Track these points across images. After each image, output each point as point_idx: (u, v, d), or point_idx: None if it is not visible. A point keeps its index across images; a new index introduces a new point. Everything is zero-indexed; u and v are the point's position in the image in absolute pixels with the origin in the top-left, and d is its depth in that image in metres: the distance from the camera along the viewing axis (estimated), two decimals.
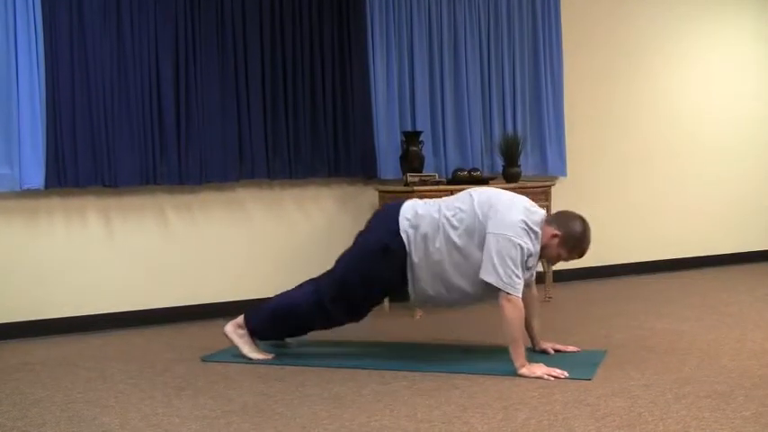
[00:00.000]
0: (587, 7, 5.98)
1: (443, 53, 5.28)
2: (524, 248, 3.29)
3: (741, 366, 3.31)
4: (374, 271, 3.50)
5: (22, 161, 4.20)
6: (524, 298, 3.36)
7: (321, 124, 4.91)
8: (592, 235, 3.46)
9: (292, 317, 3.63)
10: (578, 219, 3.43)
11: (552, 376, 3.18)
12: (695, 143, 6.46)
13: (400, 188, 4.82)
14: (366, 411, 2.83)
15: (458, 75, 5.33)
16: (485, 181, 4.88)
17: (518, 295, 3.27)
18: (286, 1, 4.81)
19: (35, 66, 4.21)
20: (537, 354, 3.58)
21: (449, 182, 4.92)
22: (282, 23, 4.81)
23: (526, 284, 3.42)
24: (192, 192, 4.74)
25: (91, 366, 3.62)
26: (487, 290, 3.36)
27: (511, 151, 5.14)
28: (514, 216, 3.31)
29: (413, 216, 3.47)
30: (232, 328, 3.71)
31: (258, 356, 3.64)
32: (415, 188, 4.61)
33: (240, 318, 3.72)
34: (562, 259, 3.50)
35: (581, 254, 3.46)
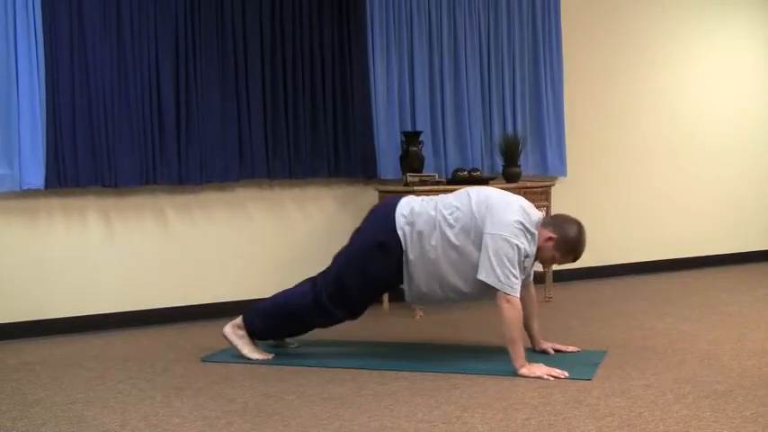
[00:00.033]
0: (587, 7, 5.98)
1: (443, 53, 5.28)
2: (521, 249, 3.29)
3: (741, 366, 3.31)
4: (370, 267, 3.49)
5: (22, 161, 4.20)
6: (522, 298, 3.36)
7: (321, 124, 4.91)
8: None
9: (291, 315, 3.63)
10: (574, 223, 3.44)
11: (552, 376, 3.18)
12: (695, 143, 6.46)
13: (400, 188, 4.81)
14: (366, 411, 2.83)
15: (458, 75, 5.33)
16: (485, 181, 4.87)
17: (516, 295, 3.28)
18: (286, 1, 4.80)
19: (35, 65, 4.21)
20: (537, 354, 3.58)
21: (449, 182, 4.91)
22: (282, 23, 4.81)
23: (523, 285, 3.43)
24: (192, 192, 4.74)
25: (91, 366, 3.63)
26: (484, 290, 3.37)
27: (511, 151, 5.14)
28: (511, 216, 3.31)
29: (409, 213, 3.48)
30: (231, 330, 3.71)
31: (258, 357, 3.64)
32: (415, 188, 4.61)
33: (239, 319, 3.71)
34: (556, 262, 3.52)
35: (575, 258, 3.47)
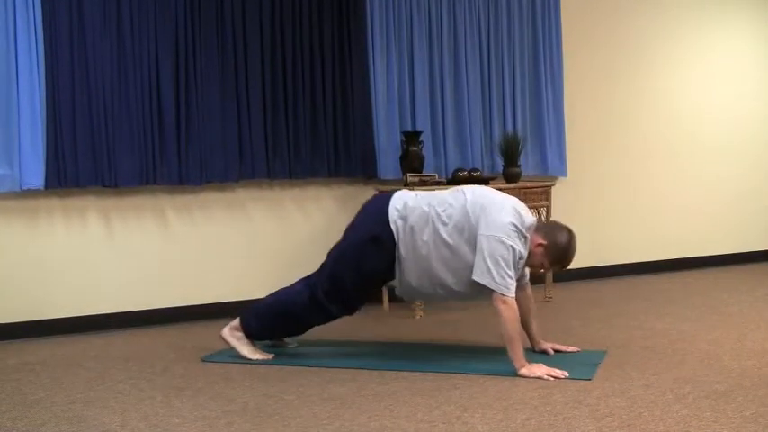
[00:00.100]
0: (587, 7, 5.98)
1: (443, 53, 5.28)
2: (516, 250, 3.30)
3: (741, 366, 3.31)
4: (364, 262, 3.49)
5: (22, 161, 4.20)
6: (519, 299, 3.38)
7: (321, 124, 4.91)
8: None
9: (288, 314, 3.63)
10: (566, 231, 3.44)
11: (552, 376, 3.18)
12: (695, 143, 6.46)
13: (400, 188, 4.80)
14: (366, 411, 2.83)
15: (458, 75, 5.33)
16: (485, 181, 4.87)
17: (512, 296, 3.28)
18: (286, 1, 4.81)
19: (35, 65, 4.21)
20: (537, 354, 3.58)
21: (449, 182, 4.91)
22: (282, 23, 4.81)
23: (520, 286, 3.43)
24: (192, 192, 4.74)
25: (91, 366, 3.63)
26: (478, 290, 3.37)
27: (511, 151, 5.14)
28: (505, 218, 3.32)
29: (402, 207, 3.48)
30: (229, 331, 3.71)
31: (258, 357, 3.64)
32: (415, 188, 4.60)
33: (236, 321, 3.71)
34: (544, 269, 3.57)
35: (563, 266, 3.50)
